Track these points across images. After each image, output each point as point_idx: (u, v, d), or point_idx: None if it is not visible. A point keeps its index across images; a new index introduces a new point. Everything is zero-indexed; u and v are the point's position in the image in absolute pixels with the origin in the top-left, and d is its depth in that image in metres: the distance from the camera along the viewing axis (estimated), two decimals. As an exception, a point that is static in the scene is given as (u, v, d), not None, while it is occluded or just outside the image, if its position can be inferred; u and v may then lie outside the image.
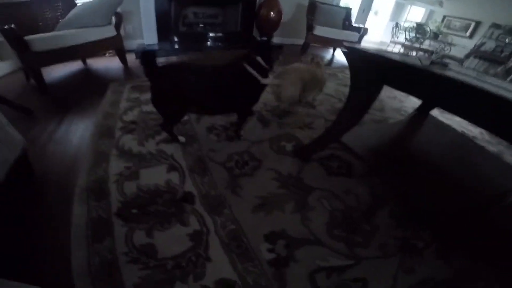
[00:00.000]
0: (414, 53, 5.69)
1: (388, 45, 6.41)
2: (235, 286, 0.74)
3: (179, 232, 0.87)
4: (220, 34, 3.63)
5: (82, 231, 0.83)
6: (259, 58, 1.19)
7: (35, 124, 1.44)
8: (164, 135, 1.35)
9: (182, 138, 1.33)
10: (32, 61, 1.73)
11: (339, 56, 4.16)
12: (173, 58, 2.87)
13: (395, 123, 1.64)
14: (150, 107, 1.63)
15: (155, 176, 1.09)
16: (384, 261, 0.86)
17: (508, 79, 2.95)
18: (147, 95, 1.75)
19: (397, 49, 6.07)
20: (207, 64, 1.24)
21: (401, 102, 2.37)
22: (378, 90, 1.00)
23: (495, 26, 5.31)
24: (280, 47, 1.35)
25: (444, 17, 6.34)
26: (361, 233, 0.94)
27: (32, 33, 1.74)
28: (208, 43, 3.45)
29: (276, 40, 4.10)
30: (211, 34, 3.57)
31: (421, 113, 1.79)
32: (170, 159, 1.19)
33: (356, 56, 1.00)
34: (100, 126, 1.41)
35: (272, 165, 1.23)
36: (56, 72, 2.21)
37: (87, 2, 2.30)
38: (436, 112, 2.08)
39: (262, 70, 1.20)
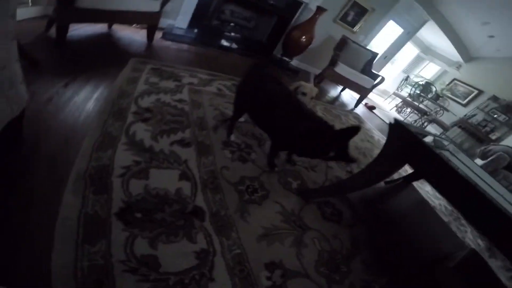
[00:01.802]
0: (408, 110, 5.90)
1: (390, 95, 6.53)
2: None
3: (185, 248, 0.84)
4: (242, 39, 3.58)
5: (71, 227, 0.73)
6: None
7: (38, 79, 1.26)
8: (179, 136, 1.32)
9: (233, 137, 1.51)
10: (70, 15, 1.64)
11: (345, 95, 4.29)
12: (185, 46, 2.77)
13: (386, 186, 1.78)
14: (168, 98, 1.59)
15: (166, 180, 1.05)
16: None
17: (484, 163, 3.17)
18: (167, 83, 1.75)
19: (396, 101, 6.18)
20: (275, 87, 1.31)
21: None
22: (401, 165, 1.08)
23: (494, 98, 5.29)
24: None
25: (453, 80, 6.30)
26: (339, 273, 1.06)
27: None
28: (231, 44, 3.42)
29: (294, 63, 4.15)
30: (236, 35, 3.53)
31: (407, 181, 1.94)
32: (183, 165, 1.17)
33: (399, 131, 1.04)
34: (112, 103, 1.31)
35: (278, 199, 1.26)
36: (78, 30, 2.07)
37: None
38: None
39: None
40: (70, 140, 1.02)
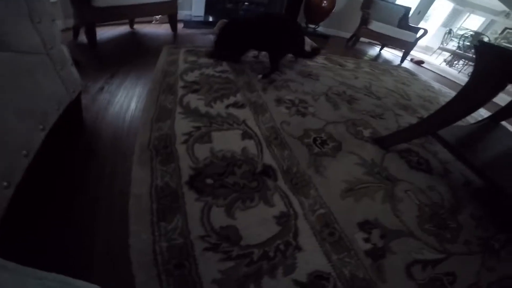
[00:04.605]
0: (460, 62, 5.30)
1: (435, 51, 6.05)
2: (330, 280, 0.61)
3: (263, 213, 0.72)
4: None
5: (144, 204, 0.64)
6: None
7: (83, 75, 1.30)
8: (232, 100, 1.25)
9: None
10: (90, 16, 1.64)
11: (385, 54, 3.94)
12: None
13: (472, 125, 1.50)
14: (211, 71, 1.55)
15: (230, 141, 0.96)
16: (469, 257, 0.80)
17: None
18: (205, 60, 1.71)
19: (444, 56, 5.70)
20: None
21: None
22: (501, 87, 0.87)
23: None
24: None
25: (505, 29, 5.82)
26: (448, 230, 0.87)
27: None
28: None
29: (321, 29, 3.90)
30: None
31: (493, 121, 1.64)
32: (243, 125, 1.08)
33: (489, 51, 0.88)
34: (160, 82, 1.31)
35: (353, 149, 1.10)
36: (103, 34, 2.10)
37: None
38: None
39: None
40: (128, 119, 1.02)
